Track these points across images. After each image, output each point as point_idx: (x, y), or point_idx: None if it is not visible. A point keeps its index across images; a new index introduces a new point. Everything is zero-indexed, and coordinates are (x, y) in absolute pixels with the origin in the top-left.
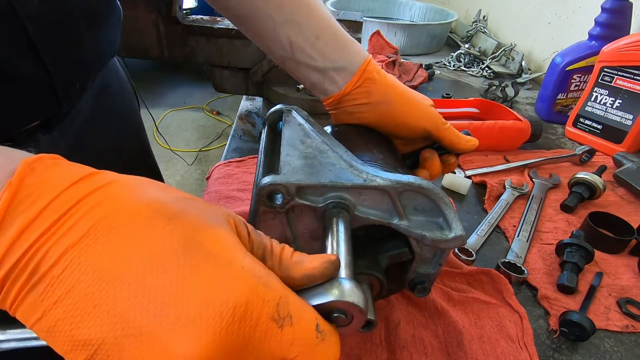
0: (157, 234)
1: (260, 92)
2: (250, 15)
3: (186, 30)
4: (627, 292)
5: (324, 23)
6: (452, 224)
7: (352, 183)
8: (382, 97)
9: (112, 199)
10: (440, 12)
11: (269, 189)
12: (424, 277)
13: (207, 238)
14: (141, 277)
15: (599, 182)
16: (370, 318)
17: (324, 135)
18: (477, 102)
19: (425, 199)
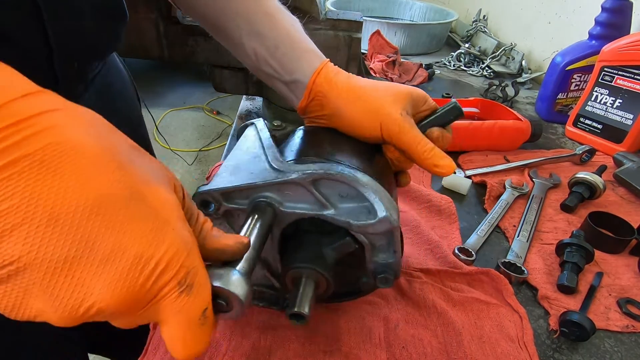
0: (108, 177)
1: (260, 92)
2: (222, 26)
3: (186, 30)
4: (627, 292)
5: (283, 33)
6: (376, 206)
7: (264, 181)
8: (334, 110)
9: (66, 126)
10: (440, 12)
11: (199, 197)
12: (385, 266)
13: (151, 193)
14: (81, 212)
15: (599, 181)
16: (298, 311)
17: (266, 140)
18: (477, 102)
19: (344, 185)
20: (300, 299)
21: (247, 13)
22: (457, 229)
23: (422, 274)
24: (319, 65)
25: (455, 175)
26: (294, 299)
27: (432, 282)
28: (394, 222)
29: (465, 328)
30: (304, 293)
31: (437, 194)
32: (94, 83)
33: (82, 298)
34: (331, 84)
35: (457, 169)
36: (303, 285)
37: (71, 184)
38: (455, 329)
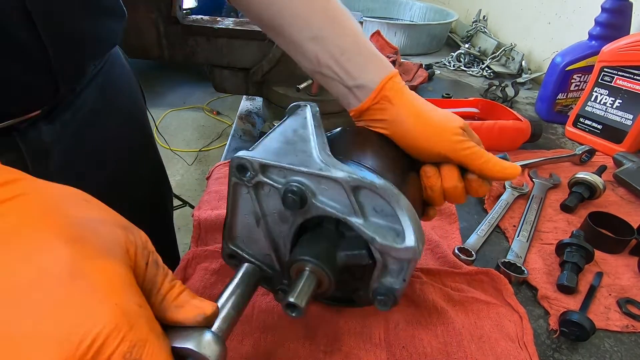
0: (50, 254)
1: (260, 92)
2: (280, 28)
3: (186, 30)
4: (627, 292)
5: (349, 39)
6: (406, 233)
7: (307, 169)
8: (395, 117)
9: (17, 213)
10: (440, 12)
11: (237, 161)
12: (388, 290)
13: (94, 269)
14: (23, 289)
15: (599, 182)
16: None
17: (317, 128)
18: (477, 102)
19: (384, 201)
20: (299, 291)
21: (309, 17)
22: (457, 228)
23: (422, 274)
24: (390, 73)
25: None
26: (294, 289)
27: (432, 282)
28: (418, 254)
29: (465, 328)
30: (304, 286)
31: None
32: (95, 80)
33: None
34: (398, 92)
35: None
36: (306, 279)
37: (14, 262)
38: (455, 328)
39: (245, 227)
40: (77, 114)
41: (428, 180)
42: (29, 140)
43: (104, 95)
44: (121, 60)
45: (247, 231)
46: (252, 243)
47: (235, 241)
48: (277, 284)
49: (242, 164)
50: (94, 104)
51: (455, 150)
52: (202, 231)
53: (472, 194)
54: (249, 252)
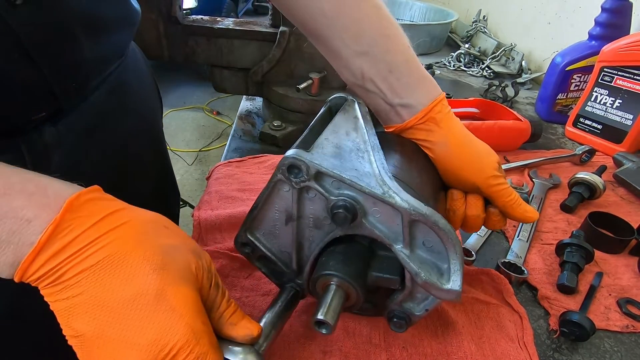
0: (141, 279)
1: (260, 92)
2: (326, 39)
3: (186, 30)
4: (627, 292)
5: (400, 58)
6: (452, 276)
7: (369, 190)
8: (440, 140)
9: (118, 241)
10: (440, 12)
11: (291, 161)
12: (407, 315)
13: (173, 293)
14: (122, 306)
15: (599, 182)
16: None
17: (370, 136)
18: (477, 102)
19: (437, 238)
20: (328, 308)
21: (360, 32)
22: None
23: None
24: (439, 96)
25: None
26: (324, 306)
27: None
28: (459, 298)
29: (465, 328)
30: (334, 303)
31: None
32: (106, 82)
33: None
34: (446, 116)
35: None
36: (335, 294)
37: (118, 285)
38: (455, 328)
39: (271, 222)
40: (83, 116)
41: (454, 203)
42: (30, 141)
43: (113, 97)
44: (137, 61)
45: (272, 226)
46: (272, 237)
47: (254, 232)
48: (287, 280)
49: (297, 165)
50: (102, 106)
51: (489, 185)
52: (202, 231)
53: (489, 226)
54: (266, 245)
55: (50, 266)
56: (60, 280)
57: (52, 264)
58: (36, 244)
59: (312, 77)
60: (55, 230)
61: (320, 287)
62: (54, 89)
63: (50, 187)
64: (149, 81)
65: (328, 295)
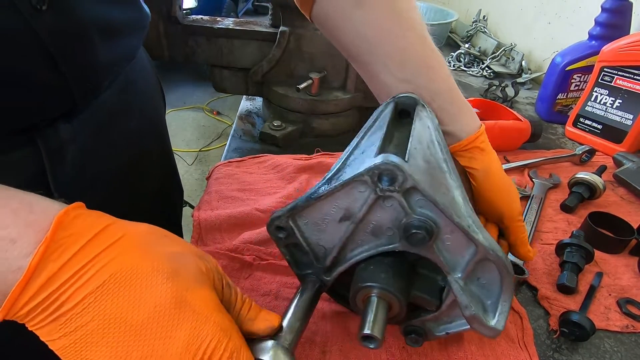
0: (156, 291)
1: (260, 92)
2: (368, 65)
3: (186, 30)
4: (627, 292)
5: (443, 87)
6: (499, 316)
7: (458, 221)
8: (482, 167)
9: (121, 256)
10: (440, 12)
11: (390, 168)
12: (425, 332)
13: (193, 297)
14: (142, 324)
15: (599, 182)
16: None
17: (445, 155)
18: (477, 102)
19: (497, 279)
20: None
21: (404, 61)
22: None
23: None
24: (482, 127)
25: None
26: (371, 321)
27: None
28: (497, 336)
29: None
30: (379, 317)
31: None
32: (117, 80)
33: None
34: (488, 147)
35: None
36: (380, 308)
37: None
38: None
39: (323, 214)
40: (95, 114)
41: None
42: (46, 137)
43: (122, 96)
44: (143, 61)
45: (321, 218)
46: (316, 230)
47: (298, 219)
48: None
49: (394, 174)
50: (113, 105)
51: (514, 219)
52: (202, 231)
53: None
54: (304, 235)
55: (46, 294)
56: (61, 311)
57: (48, 291)
58: (26, 269)
59: (312, 77)
60: (47, 251)
61: (361, 296)
62: (72, 89)
63: (35, 204)
64: (154, 80)
65: (374, 308)
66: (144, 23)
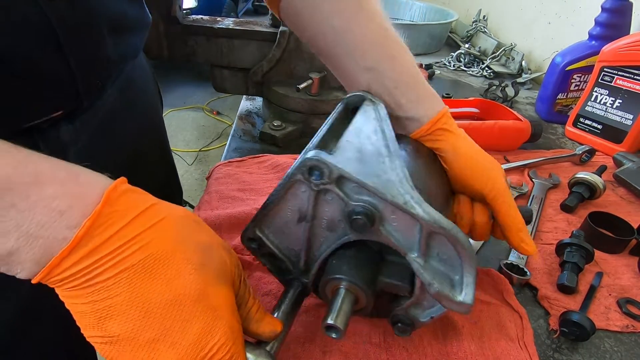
0: (183, 280)
1: (260, 92)
2: (334, 56)
3: (186, 30)
4: (627, 292)
5: (405, 74)
6: (465, 289)
7: (392, 199)
8: (450, 148)
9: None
10: (440, 12)
11: (314, 162)
12: (411, 320)
13: (213, 293)
14: (163, 307)
15: (599, 182)
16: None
17: (390, 141)
18: (477, 102)
19: (454, 252)
20: (339, 313)
21: (367, 49)
22: None
23: None
24: (443, 109)
25: None
26: (334, 311)
27: None
28: (469, 312)
29: (465, 328)
30: (343, 307)
31: None
32: (117, 81)
33: None
34: (453, 127)
35: None
36: (345, 299)
37: (159, 285)
38: (455, 329)
39: (282, 220)
40: (97, 114)
41: (461, 208)
42: (48, 139)
43: (123, 96)
44: (142, 62)
45: (282, 224)
46: (282, 235)
47: (263, 228)
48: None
49: (319, 167)
50: (113, 105)
51: (494, 197)
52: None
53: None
54: (274, 243)
55: (83, 265)
56: (95, 281)
57: (86, 263)
58: (72, 240)
59: (312, 77)
60: (93, 225)
61: (329, 290)
62: (77, 83)
63: (82, 175)
64: (151, 80)
65: (338, 300)
66: (148, 22)
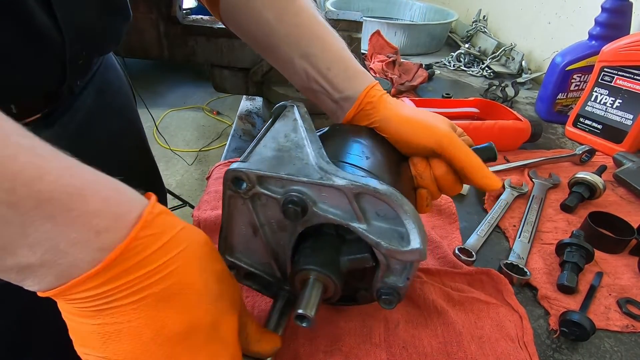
0: (201, 310)
1: (260, 92)
2: (272, 47)
3: (186, 30)
4: (627, 292)
5: (336, 55)
6: (411, 236)
7: (308, 179)
8: (382, 117)
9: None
10: (440, 12)
11: (232, 174)
12: (392, 289)
13: (225, 323)
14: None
15: (599, 182)
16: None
17: (310, 132)
18: (477, 102)
19: (387, 205)
20: (307, 301)
21: (298, 36)
22: (457, 228)
23: (422, 274)
24: (371, 83)
25: None
26: (302, 299)
27: (432, 282)
28: (424, 255)
29: (465, 328)
30: (311, 296)
31: None
32: (93, 81)
33: None
34: (381, 98)
35: None
36: (312, 288)
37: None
38: (455, 328)
39: (242, 238)
40: (75, 116)
41: (416, 168)
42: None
43: (100, 97)
44: (114, 63)
45: (244, 241)
46: (250, 253)
47: (233, 252)
48: (277, 289)
49: (238, 177)
50: (91, 106)
51: (442, 147)
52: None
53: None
54: (248, 262)
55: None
56: (113, 305)
57: (110, 287)
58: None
59: None
60: (126, 248)
61: (299, 284)
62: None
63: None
64: (126, 82)
65: (306, 289)
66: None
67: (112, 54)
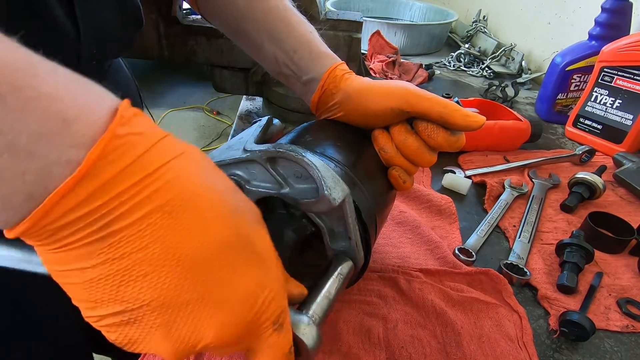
0: (224, 223)
1: (260, 92)
2: (243, 33)
3: (186, 30)
4: (627, 292)
5: (301, 39)
6: (319, 185)
7: (232, 159)
8: (343, 95)
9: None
10: (440, 12)
11: None
12: (342, 254)
13: (256, 237)
14: (202, 260)
15: (599, 182)
16: None
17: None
18: (477, 102)
19: (296, 164)
20: None
21: (267, 22)
22: (457, 229)
23: (421, 274)
24: (335, 63)
25: (455, 175)
26: None
27: (432, 282)
28: (333, 200)
29: (465, 328)
30: None
31: (437, 194)
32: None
33: (200, 338)
34: (343, 77)
35: (456, 169)
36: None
37: (195, 233)
38: (455, 329)
39: None
40: None
41: (376, 141)
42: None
43: None
44: (122, 65)
45: None
46: None
47: None
48: None
49: None
50: None
51: (409, 101)
52: None
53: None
54: None
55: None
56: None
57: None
58: (82, 163)
59: None
60: (107, 147)
61: None
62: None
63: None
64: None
65: None
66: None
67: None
